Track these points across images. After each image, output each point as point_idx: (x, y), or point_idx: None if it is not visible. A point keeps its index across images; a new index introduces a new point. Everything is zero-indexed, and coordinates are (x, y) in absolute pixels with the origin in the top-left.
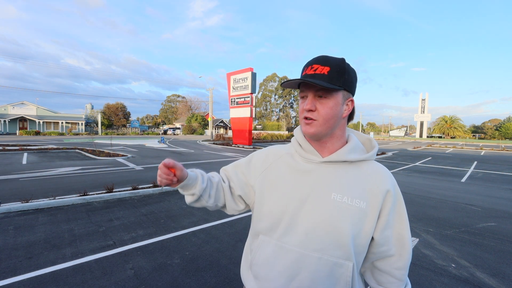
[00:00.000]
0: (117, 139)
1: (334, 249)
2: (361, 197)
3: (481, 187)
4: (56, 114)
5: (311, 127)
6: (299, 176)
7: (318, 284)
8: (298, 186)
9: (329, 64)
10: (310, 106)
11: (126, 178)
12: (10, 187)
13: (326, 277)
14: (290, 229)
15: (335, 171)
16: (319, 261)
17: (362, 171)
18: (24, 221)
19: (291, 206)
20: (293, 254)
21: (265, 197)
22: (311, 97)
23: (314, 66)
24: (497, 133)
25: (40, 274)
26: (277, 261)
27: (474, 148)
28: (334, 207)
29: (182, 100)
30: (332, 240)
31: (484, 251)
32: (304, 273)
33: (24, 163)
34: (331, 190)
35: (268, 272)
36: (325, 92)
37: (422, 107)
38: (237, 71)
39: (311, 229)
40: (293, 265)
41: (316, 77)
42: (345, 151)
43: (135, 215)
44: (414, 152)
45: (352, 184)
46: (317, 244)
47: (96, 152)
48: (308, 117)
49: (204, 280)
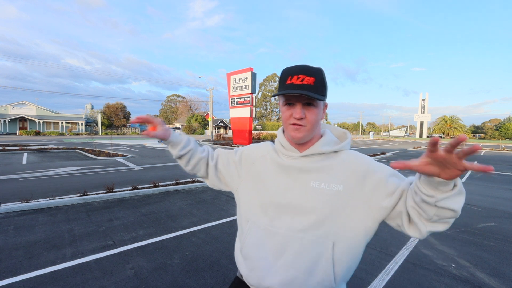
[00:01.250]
0: (117, 139)
1: (315, 229)
2: (337, 182)
3: (481, 187)
4: (56, 114)
5: (300, 132)
6: (282, 170)
7: (301, 261)
8: (282, 178)
9: (313, 75)
10: (300, 114)
11: (126, 178)
12: (10, 187)
13: (308, 255)
14: (277, 215)
15: (313, 162)
16: (301, 240)
17: (337, 159)
18: (24, 221)
19: (276, 195)
20: (279, 236)
21: (253, 187)
22: (300, 105)
23: (300, 76)
24: (497, 133)
25: (40, 274)
26: (265, 243)
27: None
28: (313, 193)
29: (182, 100)
30: (312, 222)
31: (484, 251)
32: (289, 251)
33: (24, 163)
34: (310, 179)
35: (257, 252)
36: (312, 101)
37: (422, 107)
38: (237, 71)
39: (295, 213)
40: (279, 245)
41: (305, 88)
42: (320, 144)
43: (135, 215)
44: (414, 152)
45: (329, 172)
46: (300, 226)
47: (96, 152)
48: (297, 123)
49: (204, 280)
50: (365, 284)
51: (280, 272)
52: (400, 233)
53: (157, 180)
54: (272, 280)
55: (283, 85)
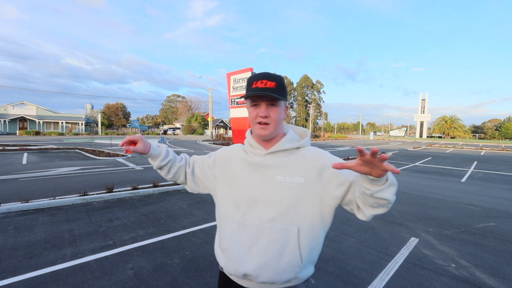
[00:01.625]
0: (117, 139)
1: (281, 218)
2: (299, 175)
3: (481, 187)
4: (56, 114)
5: (265, 130)
6: (251, 167)
7: (271, 247)
8: (252, 175)
9: (274, 80)
10: (265, 113)
11: (126, 178)
12: (10, 187)
13: (278, 241)
14: (249, 209)
15: (277, 159)
16: (271, 229)
17: (299, 155)
18: (24, 221)
19: (247, 191)
20: (252, 227)
21: (227, 186)
22: (264, 105)
23: (263, 81)
24: (497, 133)
25: (40, 274)
26: (240, 235)
27: (474, 148)
28: (279, 186)
29: (182, 100)
30: (279, 212)
31: (484, 251)
32: (261, 240)
33: (24, 163)
34: (276, 173)
35: (233, 244)
36: (275, 101)
37: (422, 107)
38: (237, 71)
39: (265, 205)
40: (252, 236)
41: (268, 90)
42: (283, 142)
43: (135, 215)
44: (414, 152)
45: (292, 166)
46: (269, 216)
47: (96, 152)
48: (262, 122)
49: (204, 280)
50: (365, 284)
51: (254, 259)
52: (400, 233)
53: (157, 180)
54: (247, 266)
55: (250, 89)
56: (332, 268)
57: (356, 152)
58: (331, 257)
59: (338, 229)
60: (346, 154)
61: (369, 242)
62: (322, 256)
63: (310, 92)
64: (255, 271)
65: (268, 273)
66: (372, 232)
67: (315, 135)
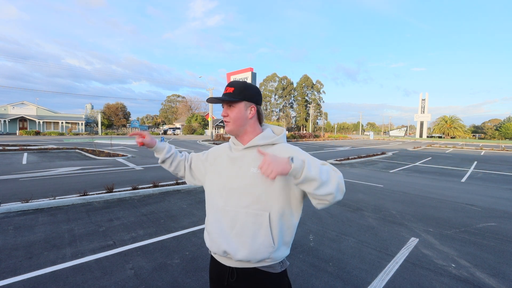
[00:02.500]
0: (117, 139)
1: (255, 204)
2: None
3: (481, 187)
4: (56, 114)
5: (227, 126)
6: (232, 161)
7: (247, 229)
8: (232, 168)
9: (234, 86)
10: (224, 113)
11: (126, 178)
12: (10, 187)
13: (252, 224)
14: (229, 197)
15: (253, 153)
16: (246, 214)
17: (272, 150)
18: (24, 221)
19: (228, 182)
20: (231, 213)
21: (214, 178)
22: (225, 107)
23: (227, 88)
24: (497, 133)
25: (40, 274)
26: (222, 220)
27: (474, 148)
28: (252, 177)
29: (182, 100)
30: (253, 199)
31: (484, 251)
32: (238, 223)
33: (24, 163)
34: (250, 166)
35: (216, 227)
36: (231, 103)
37: (422, 107)
38: (237, 71)
39: (240, 194)
40: (231, 220)
41: (226, 95)
42: (258, 139)
43: (135, 215)
44: (414, 152)
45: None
46: (245, 203)
47: (96, 152)
48: (224, 120)
49: (204, 280)
50: (365, 284)
51: (233, 239)
52: (400, 233)
53: (157, 180)
54: (226, 245)
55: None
56: (332, 268)
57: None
58: (331, 257)
59: (338, 229)
60: (346, 154)
61: (369, 242)
62: (322, 256)
63: (310, 92)
64: (233, 250)
65: (244, 252)
66: (372, 232)
67: (315, 135)
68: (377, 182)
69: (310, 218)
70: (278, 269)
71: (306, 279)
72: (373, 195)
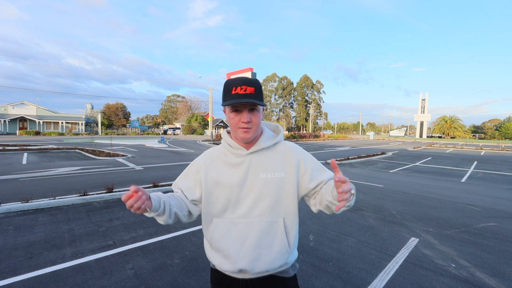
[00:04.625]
0: (117, 139)
1: (269, 212)
2: (280, 170)
3: (481, 187)
4: (56, 114)
5: (248, 133)
6: (234, 169)
7: (263, 240)
8: (235, 176)
9: (253, 85)
10: (248, 119)
11: (126, 178)
12: (10, 187)
13: (268, 233)
14: (236, 207)
15: (258, 157)
16: (260, 223)
17: (277, 151)
18: (24, 221)
19: (234, 191)
20: (241, 224)
21: (211, 190)
22: (246, 111)
23: (243, 86)
24: (497, 133)
25: (40, 274)
26: (231, 234)
27: (474, 148)
28: (263, 183)
29: (182, 100)
30: (266, 206)
31: (484, 251)
32: (252, 235)
33: (24, 163)
34: (259, 171)
35: (225, 243)
36: (255, 106)
37: (422, 107)
38: (237, 71)
39: (252, 203)
40: (243, 232)
41: (248, 96)
42: (262, 141)
43: (135, 215)
44: (414, 152)
45: (272, 163)
46: (257, 212)
47: (96, 152)
48: (245, 127)
49: (204, 280)
50: (365, 284)
51: (247, 253)
52: (400, 233)
53: (157, 180)
54: (242, 262)
55: (229, 95)
56: (332, 268)
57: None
58: (331, 257)
59: (338, 229)
60: (346, 154)
61: (369, 242)
62: (322, 256)
63: (310, 92)
64: (250, 264)
65: (262, 264)
66: (372, 232)
67: (315, 135)
68: (377, 182)
69: (310, 218)
70: (291, 272)
71: (306, 279)
72: (373, 195)
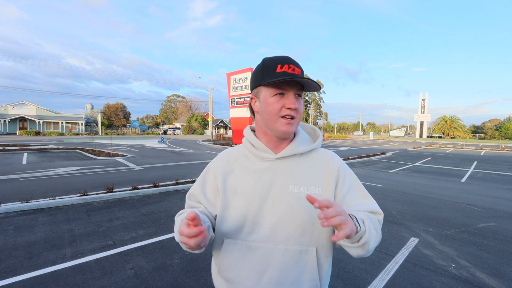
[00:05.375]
0: (117, 139)
1: (298, 237)
2: (315, 184)
3: (481, 187)
4: (56, 114)
5: (292, 126)
6: (256, 176)
7: (287, 275)
8: (257, 185)
9: (300, 67)
10: (296, 104)
11: (126, 178)
12: (10, 187)
13: (294, 266)
14: (255, 227)
15: (289, 165)
16: (285, 252)
17: (312, 159)
18: (24, 221)
19: (253, 205)
20: (260, 250)
21: (228, 201)
22: (292, 95)
23: (291, 65)
24: (497, 133)
25: (40, 274)
26: (245, 261)
27: (474, 148)
28: (292, 199)
29: (182, 100)
30: (295, 230)
31: (484, 251)
32: (273, 267)
33: (24, 163)
34: (288, 183)
35: (238, 273)
36: (301, 91)
37: (422, 107)
38: (237, 71)
39: (275, 223)
40: (261, 261)
41: (297, 77)
42: (296, 144)
43: (135, 215)
44: (414, 152)
45: (306, 174)
46: (282, 236)
47: (96, 152)
48: (292, 114)
49: (204, 280)
50: (365, 284)
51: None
52: (400, 233)
53: (157, 180)
54: None
55: (273, 74)
56: (332, 268)
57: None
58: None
59: None
60: (346, 154)
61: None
62: None
63: (310, 92)
64: None
65: None
66: None
67: None
68: (377, 182)
69: None
70: None
71: None
72: (373, 195)
